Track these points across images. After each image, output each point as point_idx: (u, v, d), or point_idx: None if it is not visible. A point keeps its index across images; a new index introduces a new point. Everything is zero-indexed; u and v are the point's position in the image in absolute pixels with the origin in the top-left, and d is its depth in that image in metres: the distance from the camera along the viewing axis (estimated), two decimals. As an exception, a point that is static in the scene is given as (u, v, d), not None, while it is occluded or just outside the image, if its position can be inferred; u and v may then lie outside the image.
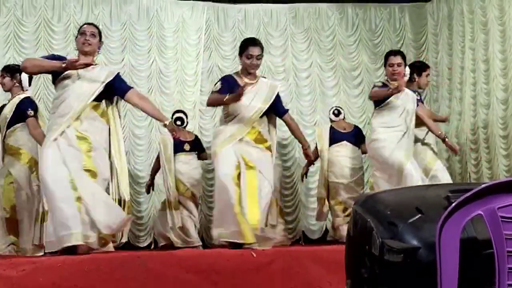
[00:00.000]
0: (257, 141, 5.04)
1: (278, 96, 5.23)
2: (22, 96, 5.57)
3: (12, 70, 5.66)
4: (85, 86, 4.53)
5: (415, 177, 5.19)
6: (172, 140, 6.48)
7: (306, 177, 7.13)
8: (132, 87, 4.90)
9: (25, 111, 5.42)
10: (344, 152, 6.76)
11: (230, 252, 4.26)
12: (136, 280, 3.63)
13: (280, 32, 8.47)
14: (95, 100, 4.60)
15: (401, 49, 8.70)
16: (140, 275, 3.65)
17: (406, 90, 5.62)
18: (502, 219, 1.60)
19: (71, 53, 7.77)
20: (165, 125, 4.65)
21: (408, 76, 5.83)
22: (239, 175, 4.84)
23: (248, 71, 5.11)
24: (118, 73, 4.80)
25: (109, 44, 7.92)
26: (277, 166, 6.53)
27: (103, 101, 4.72)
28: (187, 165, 6.70)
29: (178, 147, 6.69)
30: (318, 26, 8.52)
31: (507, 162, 7.08)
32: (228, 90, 4.95)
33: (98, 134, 4.59)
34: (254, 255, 3.91)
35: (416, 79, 5.98)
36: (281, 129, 8.09)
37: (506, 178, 1.82)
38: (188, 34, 8.05)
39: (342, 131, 6.93)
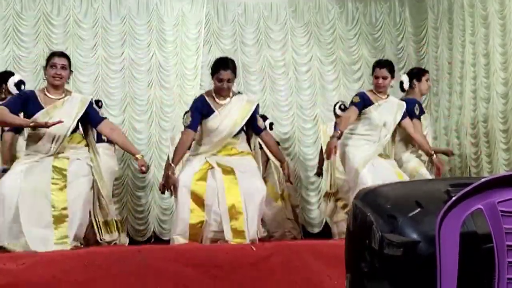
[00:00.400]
0: (233, 155, 4.89)
1: (255, 113, 4.95)
2: None
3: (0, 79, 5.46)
4: (57, 126, 4.35)
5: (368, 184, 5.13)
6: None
7: (321, 177, 7.02)
8: (105, 118, 4.81)
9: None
10: None
11: (230, 246, 4.26)
12: (136, 274, 3.63)
13: (280, 26, 8.45)
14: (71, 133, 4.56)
15: (401, 43, 8.72)
16: (140, 269, 3.65)
17: (391, 99, 5.43)
18: (502, 213, 1.60)
19: (70, 48, 7.79)
20: (136, 159, 4.62)
21: (408, 84, 5.78)
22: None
23: (220, 94, 4.92)
24: (91, 102, 4.73)
25: (108, 38, 7.91)
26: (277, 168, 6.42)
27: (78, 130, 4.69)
28: None
29: None
30: (318, 20, 8.51)
31: (507, 156, 7.08)
32: (199, 116, 4.86)
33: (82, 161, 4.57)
34: (254, 249, 3.91)
35: (416, 86, 5.88)
36: (282, 124, 8.14)
37: (506, 172, 1.82)
38: (187, 28, 8.04)
39: None
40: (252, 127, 5.00)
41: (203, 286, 3.66)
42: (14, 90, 5.31)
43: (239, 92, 5.29)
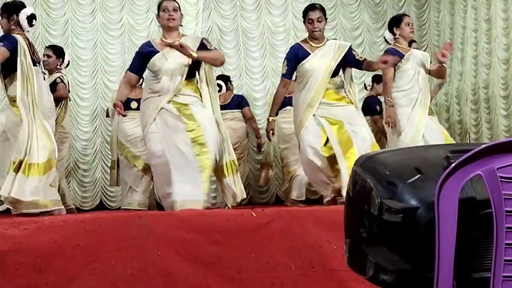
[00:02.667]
0: (336, 100, 5.02)
1: (349, 51, 5.06)
2: None
3: (9, 9, 5.06)
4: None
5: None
6: None
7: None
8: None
9: None
10: None
11: (230, 212, 4.29)
12: (137, 239, 3.66)
13: (281, -9, 8.37)
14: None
15: (403, 8, 8.65)
16: (141, 235, 3.68)
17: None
18: (501, 179, 1.60)
19: (68, 13, 7.73)
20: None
21: (391, 35, 5.67)
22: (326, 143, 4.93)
23: (312, 36, 5.09)
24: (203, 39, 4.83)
25: (107, 3, 7.84)
26: None
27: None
28: None
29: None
30: (319, -16, 8.41)
31: (507, 122, 7.09)
32: (295, 63, 5.06)
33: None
34: (254, 215, 3.94)
35: (399, 33, 5.62)
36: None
37: (506, 138, 1.82)
38: (187, -7, 7.96)
39: None
40: (348, 62, 5.06)
41: (204, 251, 3.70)
42: (25, 24, 5.04)
43: (333, 38, 5.47)
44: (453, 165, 1.65)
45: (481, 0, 7.39)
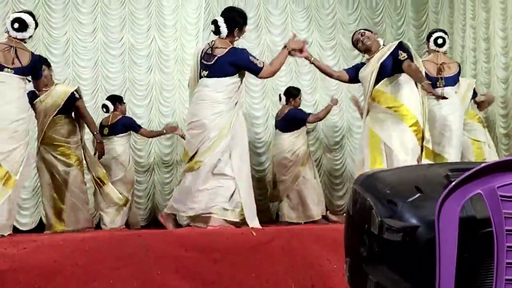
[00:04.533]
0: (386, 103, 5.05)
1: (394, 50, 5.05)
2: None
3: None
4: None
5: None
6: None
7: None
8: None
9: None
10: None
11: (230, 231, 4.28)
12: (137, 258, 3.65)
13: (280, 10, 8.42)
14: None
15: (402, 28, 8.70)
16: (140, 254, 3.67)
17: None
18: (502, 198, 1.60)
19: (70, 32, 7.76)
20: None
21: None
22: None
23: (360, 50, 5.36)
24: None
25: (108, 22, 7.87)
26: None
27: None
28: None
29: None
30: (318, 4, 8.47)
31: (506, 141, 7.09)
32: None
33: None
34: (254, 234, 3.93)
35: None
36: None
37: (505, 157, 1.82)
38: (187, 12, 8.00)
39: None
40: (390, 57, 5.05)
41: (204, 269, 3.69)
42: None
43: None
44: (453, 183, 1.65)
45: (479, 19, 7.43)
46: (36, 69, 5.07)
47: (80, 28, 7.81)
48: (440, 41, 6.02)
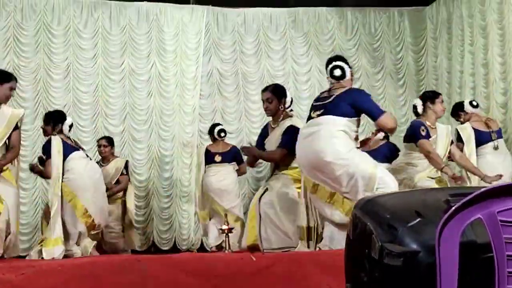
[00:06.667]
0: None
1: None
2: None
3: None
4: None
5: None
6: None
7: None
8: None
9: None
10: None
11: (230, 256, 4.26)
12: (136, 283, 3.63)
13: (280, 36, 8.48)
14: None
15: (401, 53, 8.76)
16: (139, 279, 3.64)
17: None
18: (502, 223, 1.60)
19: (70, 58, 7.82)
20: None
21: (421, 107, 5.56)
22: None
23: (267, 115, 5.26)
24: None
25: (108, 48, 7.93)
26: None
27: None
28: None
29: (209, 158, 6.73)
30: (317, 30, 8.54)
31: (506, 165, 7.08)
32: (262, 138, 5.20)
33: None
34: (254, 259, 3.91)
35: (431, 108, 5.56)
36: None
37: (505, 182, 1.82)
38: (187, 38, 8.07)
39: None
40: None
41: (203, 296, 3.66)
42: (66, 131, 5.56)
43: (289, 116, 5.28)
44: (453, 208, 1.64)
45: (478, 45, 7.49)
46: None
47: (80, 53, 7.87)
48: (474, 103, 6.35)
